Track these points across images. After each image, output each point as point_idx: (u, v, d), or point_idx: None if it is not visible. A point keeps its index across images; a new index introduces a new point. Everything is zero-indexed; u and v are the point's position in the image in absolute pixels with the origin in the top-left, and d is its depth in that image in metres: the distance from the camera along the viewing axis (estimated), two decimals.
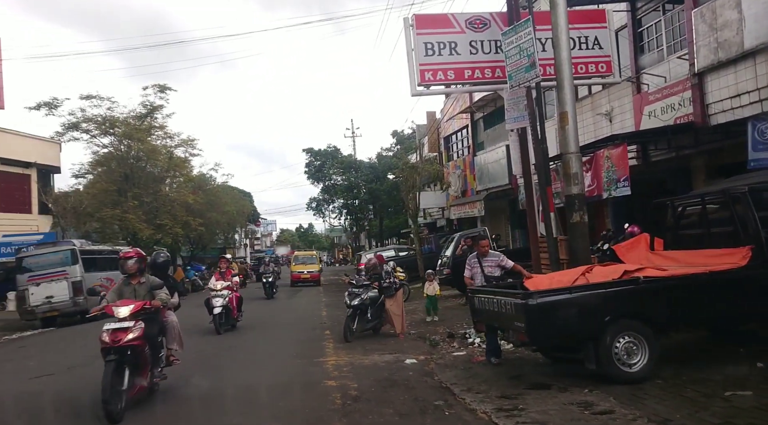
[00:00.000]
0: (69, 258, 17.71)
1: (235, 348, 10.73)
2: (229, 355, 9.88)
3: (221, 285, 12.73)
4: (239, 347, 10.83)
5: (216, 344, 11.31)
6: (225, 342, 11.48)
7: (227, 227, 43.49)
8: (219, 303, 12.42)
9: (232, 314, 12.90)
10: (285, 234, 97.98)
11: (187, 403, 6.93)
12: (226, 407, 6.60)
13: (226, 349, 10.59)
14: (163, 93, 30.16)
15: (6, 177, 24.99)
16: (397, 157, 34.10)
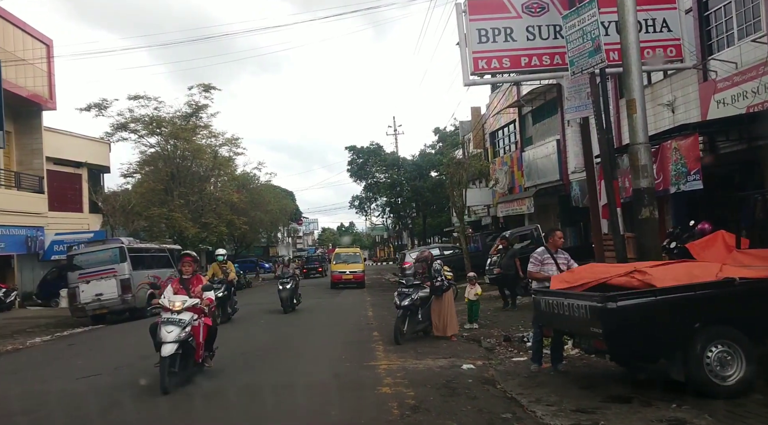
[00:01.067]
0: (117, 256, 17.85)
1: (280, 345, 10.41)
2: (274, 352, 9.55)
3: (181, 302, 7.54)
4: (285, 344, 10.51)
5: (265, 337, 11.12)
6: (274, 337, 11.24)
7: (270, 226, 43.81)
8: (171, 337, 7.32)
9: (194, 356, 7.74)
10: (326, 233, 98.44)
11: (233, 408, 6.58)
12: (275, 414, 6.22)
13: (273, 346, 10.27)
14: (207, 92, 30.47)
15: (59, 176, 25.56)
16: (442, 153, 33.45)
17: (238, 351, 10.27)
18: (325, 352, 9.87)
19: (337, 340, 11.11)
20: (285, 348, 10.50)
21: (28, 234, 21.43)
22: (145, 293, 18.68)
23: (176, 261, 22.31)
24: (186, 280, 7.86)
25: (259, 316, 16.26)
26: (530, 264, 7.61)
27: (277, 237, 57.92)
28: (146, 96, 29.05)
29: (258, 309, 18.62)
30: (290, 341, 11.54)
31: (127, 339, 13.36)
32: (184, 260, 8.17)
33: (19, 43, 20.87)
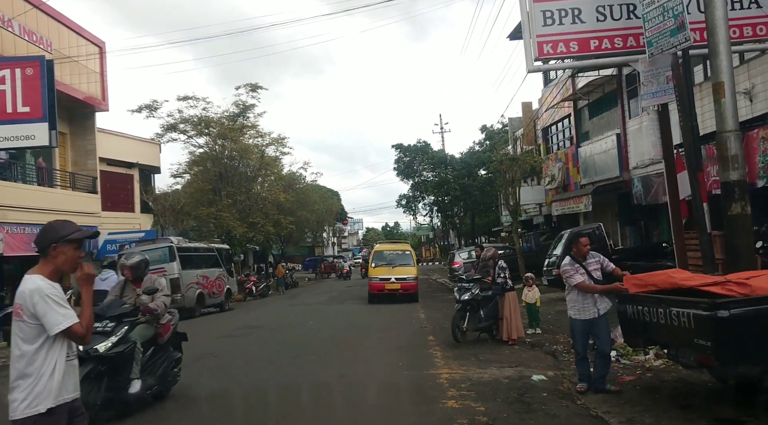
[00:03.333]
0: (167, 255, 17.82)
1: (331, 350, 9.91)
2: (326, 357, 9.04)
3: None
4: (336, 348, 10.00)
5: (309, 338, 10.64)
6: (324, 339, 10.77)
7: (316, 225, 43.71)
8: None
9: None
10: (371, 233, 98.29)
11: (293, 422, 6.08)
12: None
13: (323, 351, 9.78)
14: (254, 92, 30.47)
15: (111, 177, 25.95)
16: (492, 150, 32.52)
17: (288, 354, 9.84)
18: (379, 357, 9.29)
19: (391, 344, 10.53)
20: (337, 353, 9.97)
21: None
22: (195, 293, 18.66)
23: (224, 260, 22.51)
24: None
25: (308, 316, 15.88)
26: (574, 277, 6.43)
27: (323, 237, 57.87)
28: (195, 96, 29.29)
29: (307, 309, 18.31)
30: (342, 344, 11.03)
31: None
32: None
33: (73, 45, 21.19)
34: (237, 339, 12.10)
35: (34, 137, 13.59)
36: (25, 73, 13.61)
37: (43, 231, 3.06)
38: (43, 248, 2.99)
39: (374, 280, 18.98)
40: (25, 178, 20.08)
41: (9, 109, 13.51)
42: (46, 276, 2.96)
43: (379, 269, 19.16)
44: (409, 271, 18.80)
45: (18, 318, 2.94)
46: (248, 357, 9.85)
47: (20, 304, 2.92)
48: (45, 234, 3.03)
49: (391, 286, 18.31)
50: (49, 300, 2.87)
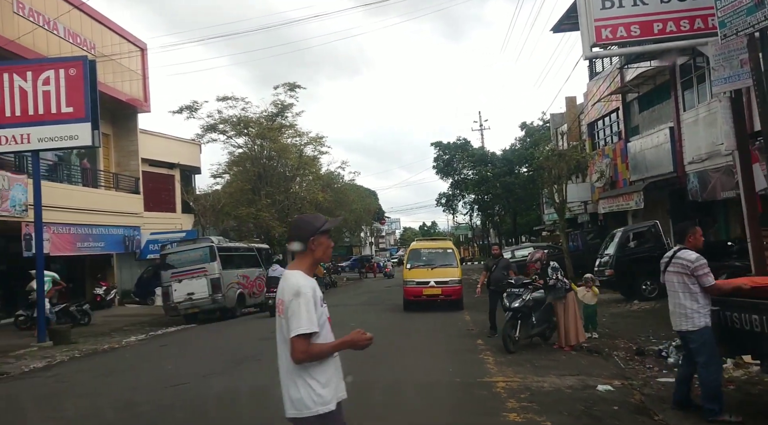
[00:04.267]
0: (207, 255, 17.74)
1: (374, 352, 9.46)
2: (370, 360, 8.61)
3: None
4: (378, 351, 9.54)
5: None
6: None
7: (354, 225, 43.52)
8: None
9: None
10: (408, 233, 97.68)
11: None
12: None
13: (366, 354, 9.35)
14: (293, 91, 30.40)
15: (153, 177, 26.23)
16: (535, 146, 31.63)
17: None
18: (427, 362, 8.82)
19: (439, 348, 10.03)
20: (381, 357, 9.52)
21: (125, 234, 21.98)
22: (235, 293, 18.56)
23: (264, 260, 22.40)
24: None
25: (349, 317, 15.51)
26: (709, 275, 5.25)
27: (360, 237, 57.72)
28: (234, 97, 29.39)
29: (347, 310, 17.95)
30: (386, 347, 10.58)
31: (218, 342, 12.97)
32: None
33: (116, 47, 21.43)
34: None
35: (77, 137, 13.61)
36: (69, 73, 13.65)
37: (298, 227, 2.98)
38: (303, 242, 2.90)
39: (410, 284, 15.90)
40: (70, 179, 20.41)
41: (53, 110, 13.57)
42: (305, 271, 2.88)
43: (416, 271, 16.10)
44: (451, 273, 15.84)
45: (280, 315, 2.87)
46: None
47: (282, 300, 2.83)
48: (301, 229, 2.94)
49: (430, 291, 15.47)
50: (302, 301, 2.73)
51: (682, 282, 5.27)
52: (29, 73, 13.65)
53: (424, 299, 15.61)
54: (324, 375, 2.79)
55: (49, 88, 13.61)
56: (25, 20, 16.96)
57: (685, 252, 5.32)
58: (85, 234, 19.62)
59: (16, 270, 17.98)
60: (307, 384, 2.77)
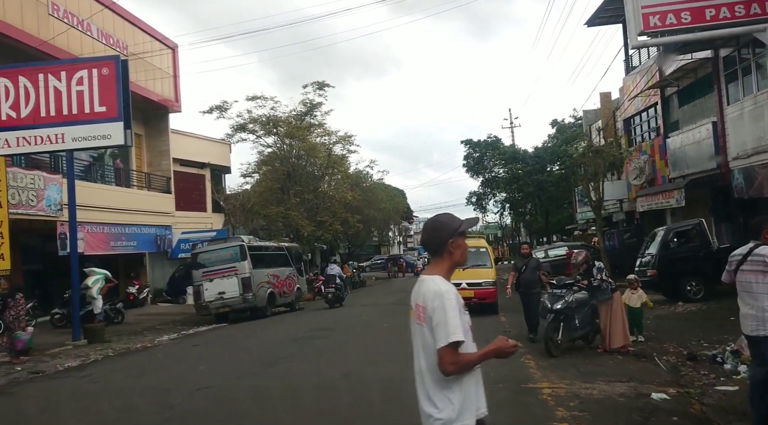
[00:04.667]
0: (238, 254, 17.68)
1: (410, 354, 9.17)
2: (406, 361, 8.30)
3: None
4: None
5: (385, 341, 9.94)
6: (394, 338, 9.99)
7: (383, 224, 43.31)
8: None
9: None
10: None
11: None
12: None
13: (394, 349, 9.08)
14: (321, 90, 30.29)
15: (184, 177, 26.40)
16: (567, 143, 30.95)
17: (364, 359, 9.21)
18: None
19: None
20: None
21: (157, 233, 22.13)
22: (266, 292, 18.48)
23: (294, 259, 22.33)
24: None
25: (380, 317, 15.24)
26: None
27: (389, 236, 57.47)
28: (263, 96, 29.43)
29: (378, 309, 17.72)
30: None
31: (250, 342, 12.84)
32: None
33: (147, 47, 21.57)
34: (311, 342, 11.60)
35: (110, 136, 13.65)
36: (102, 73, 13.69)
37: (435, 230, 2.70)
38: (440, 245, 2.65)
39: None
40: (104, 179, 20.61)
41: (87, 110, 13.63)
42: (444, 275, 2.64)
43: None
44: (485, 274, 14.51)
45: (419, 322, 2.58)
46: (323, 362, 9.29)
47: (423, 307, 2.55)
48: (439, 232, 2.68)
49: (462, 294, 12.92)
50: (449, 308, 2.47)
51: (764, 281, 4.64)
52: (63, 73, 13.74)
53: None
54: (465, 388, 2.50)
55: (82, 88, 13.67)
56: (60, 21, 17.14)
57: (765, 248, 4.70)
58: (118, 234, 19.79)
59: (52, 269, 18.22)
60: (447, 398, 2.48)
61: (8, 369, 10.52)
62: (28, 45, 15.74)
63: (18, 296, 11.57)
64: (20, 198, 15.04)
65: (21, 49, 15.70)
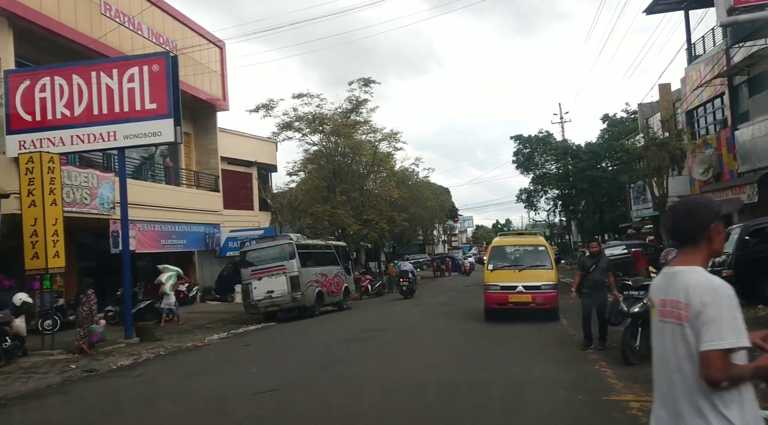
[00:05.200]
0: (286, 252, 17.45)
1: (469, 358, 8.61)
2: (466, 366, 7.75)
3: None
4: (473, 358, 8.67)
5: (440, 344, 9.46)
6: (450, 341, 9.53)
7: (428, 222, 42.69)
8: None
9: None
10: (480, 231, 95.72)
11: None
12: None
13: (451, 353, 8.52)
14: (367, 86, 29.91)
15: (232, 175, 26.49)
16: (621, 137, 29.66)
17: (421, 362, 8.68)
18: (534, 372, 7.84)
19: (542, 355, 9.02)
20: (479, 365, 8.64)
21: (206, 232, 22.20)
22: (314, 291, 18.20)
23: (342, 258, 22.04)
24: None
25: (433, 318, 14.69)
26: None
27: (433, 235, 56.74)
28: (309, 94, 29.26)
29: (429, 310, 17.18)
30: (481, 353, 9.69)
31: (301, 343, 12.51)
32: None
33: (196, 45, 21.63)
34: (364, 344, 11.16)
35: (160, 134, 13.59)
36: (152, 69, 13.64)
37: (692, 213, 2.26)
38: (698, 232, 2.22)
39: (492, 289, 13.11)
40: (154, 177, 20.77)
41: (138, 107, 13.62)
42: (704, 266, 2.22)
43: (500, 273, 13.24)
44: (544, 276, 12.96)
45: (677, 322, 2.12)
46: (378, 365, 8.83)
47: (685, 303, 2.10)
48: (697, 216, 2.24)
49: (518, 298, 12.72)
50: (725, 306, 2.03)
51: None
52: (115, 71, 13.74)
53: (510, 307, 12.87)
54: (745, 405, 2.00)
55: (133, 85, 13.64)
56: (112, 21, 17.28)
57: None
58: (169, 232, 19.89)
59: (105, 267, 18.42)
60: (722, 416, 1.97)
61: (63, 367, 10.49)
62: (81, 44, 15.90)
63: (90, 292, 12.14)
64: (74, 196, 15.18)
65: (75, 49, 15.87)
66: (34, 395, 8.49)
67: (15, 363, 11.03)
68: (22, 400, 8.17)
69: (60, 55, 15.66)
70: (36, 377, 9.72)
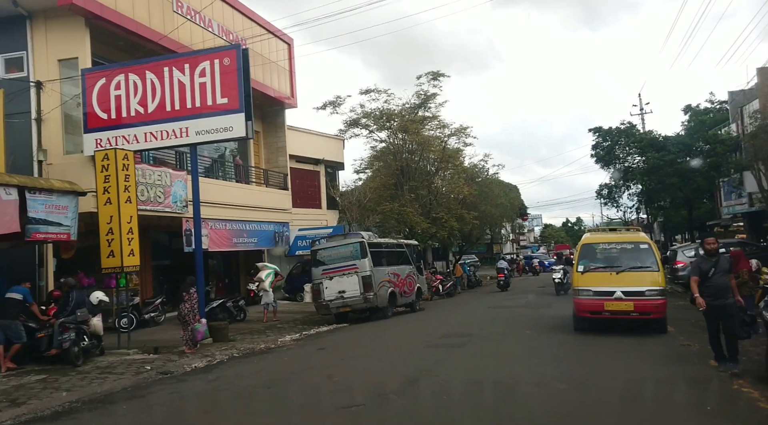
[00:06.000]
0: (358, 251, 16.80)
1: (574, 369, 7.54)
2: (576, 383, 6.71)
3: None
4: (579, 368, 7.58)
5: (535, 354, 8.70)
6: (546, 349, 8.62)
7: (499, 221, 41.33)
8: None
9: None
10: (548, 230, 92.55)
11: None
12: None
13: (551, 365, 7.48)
14: (436, 80, 29.02)
15: (300, 174, 26.24)
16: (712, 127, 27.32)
17: (526, 377, 7.70)
18: (669, 394, 6.68)
19: (664, 372, 7.79)
20: (590, 380, 7.56)
21: (276, 230, 21.95)
22: (387, 292, 17.47)
23: (414, 257, 21.23)
24: None
25: (516, 322, 13.59)
26: None
27: (501, 234, 54.97)
28: (377, 89, 28.67)
29: (509, 312, 16.08)
30: (585, 363, 8.60)
31: (379, 348, 11.75)
32: None
33: (264, 42, 21.41)
34: (451, 351, 10.22)
35: (232, 129, 13.23)
36: (223, 63, 13.30)
37: None
38: None
39: (584, 295, 11.30)
40: (225, 176, 20.67)
41: (209, 102, 13.31)
42: None
43: (593, 276, 11.36)
44: (649, 279, 11.03)
45: None
46: (472, 377, 7.91)
47: None
48: None
49: (617, 306, 10.90)
50: None
51: None
52: (187, 66, 13.49)
53: (606, 317, 11.08)
54: None
55: (205, 80, 13.35)
56: (183, 18, 17.19)
57: None
58: (240, 230, 19.71)
59: (179, 265, 18.44)
60: None
61: (139, 368, 10.22)
62: (154, 42, 15.84)
63: (192, 290, 12.33)
64: (149, 194, 15.11)
65: (148, 47, 15.81)
66: (109, 399, 8.14)
67: (92, 363, 10.91)
68: (97, 405, 7.82)
69: (134, 54, 15.66)
70: (111, 378, 9.45)
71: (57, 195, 11.54)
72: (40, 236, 11.33)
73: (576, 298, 11.56)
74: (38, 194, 11.16)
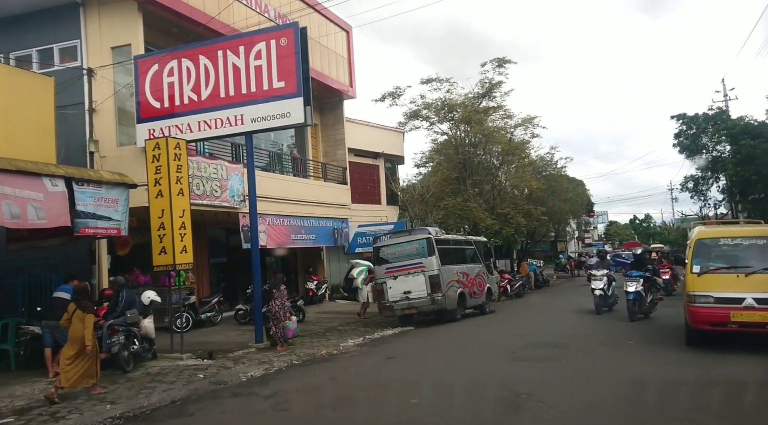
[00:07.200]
0: (425, 248, 15.45)
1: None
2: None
3: None
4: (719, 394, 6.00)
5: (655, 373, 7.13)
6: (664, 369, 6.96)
7: (566, 217, 39.12)
8: None
9: None
10: (613, 227, 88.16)
11: None
12: None
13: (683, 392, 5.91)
14: (501, 67, 27.30)
15: (359, 168, 25.14)
16: None
17: (669, 412, 6.17)
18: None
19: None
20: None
21: (334, 226, 20.91)
22: (456, 292, 16.07)
23: (483, 255, 19.72)
24: None
25: (613, 329, 11.85)
26: None
27: (566, 231, 52.32)
28: (438, 78, 27.23)
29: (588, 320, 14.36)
30: (724, 385, 6.97)
31: (458, 360, 10.22)
32: None
33: (323, 29, 20.39)
34: (545, 367, 8.66)
35: (289, 115, 12.16)
36: (280, 43, 12.25)
37: None
38: None
39: (702, 302, 9.36)
40: (282, 169, 19.78)
41: (265, 86, 12.31)
42: None
43: (714, 278, 9.45)
44: None
45: None
46: (588, 403, 6.42)
47: None
48: None
49: (748, 316, 8.98)
50: None
51: None
52: (242, 48, 12.52)
53: (732, 329, 9.15)
54: None
55: (260, 62, 12.34)
56: (239, 3, 16.33)
57: None
58: (298, 227, 18.74)
59: (237, 264, 17.68)
60: None
61: (191, 375, 9.28)
62: (209, 28, 15.00)
63: (282, 287, 12.30)
64: (204, 188, 14.31)
65: (202, 33, 15.00)
66: (153, 416, 7.15)
67: (143, 368, 10.07)
68: (140, 424, 6.83)
69: (187, 41, 14.88)
70: (161, 388, 8.52)
71: (106, 187, 10.76)
72: (90, 231, 10.58)
73: (691, 306, 9.48)
74: (86, 186, 10.38)
